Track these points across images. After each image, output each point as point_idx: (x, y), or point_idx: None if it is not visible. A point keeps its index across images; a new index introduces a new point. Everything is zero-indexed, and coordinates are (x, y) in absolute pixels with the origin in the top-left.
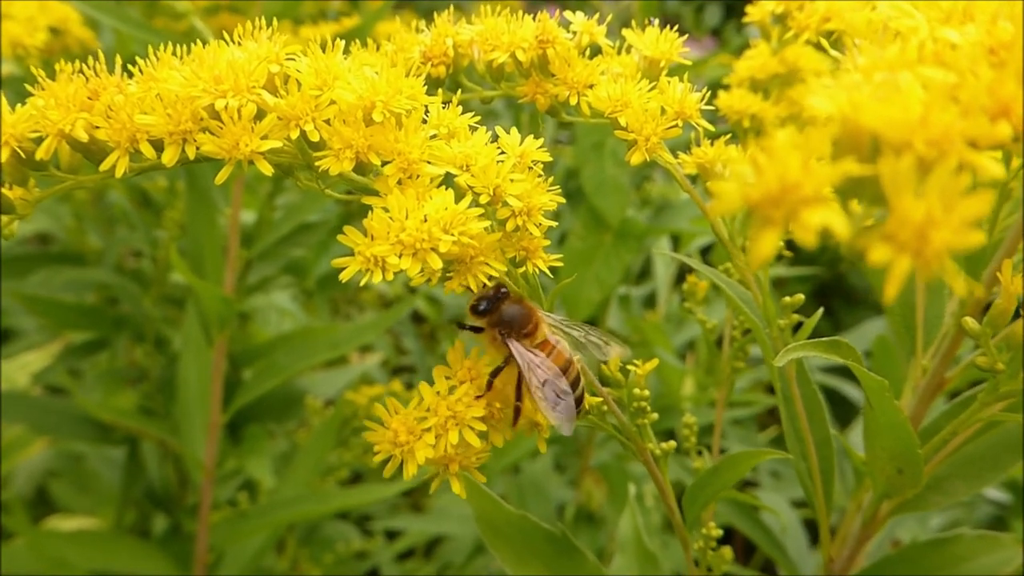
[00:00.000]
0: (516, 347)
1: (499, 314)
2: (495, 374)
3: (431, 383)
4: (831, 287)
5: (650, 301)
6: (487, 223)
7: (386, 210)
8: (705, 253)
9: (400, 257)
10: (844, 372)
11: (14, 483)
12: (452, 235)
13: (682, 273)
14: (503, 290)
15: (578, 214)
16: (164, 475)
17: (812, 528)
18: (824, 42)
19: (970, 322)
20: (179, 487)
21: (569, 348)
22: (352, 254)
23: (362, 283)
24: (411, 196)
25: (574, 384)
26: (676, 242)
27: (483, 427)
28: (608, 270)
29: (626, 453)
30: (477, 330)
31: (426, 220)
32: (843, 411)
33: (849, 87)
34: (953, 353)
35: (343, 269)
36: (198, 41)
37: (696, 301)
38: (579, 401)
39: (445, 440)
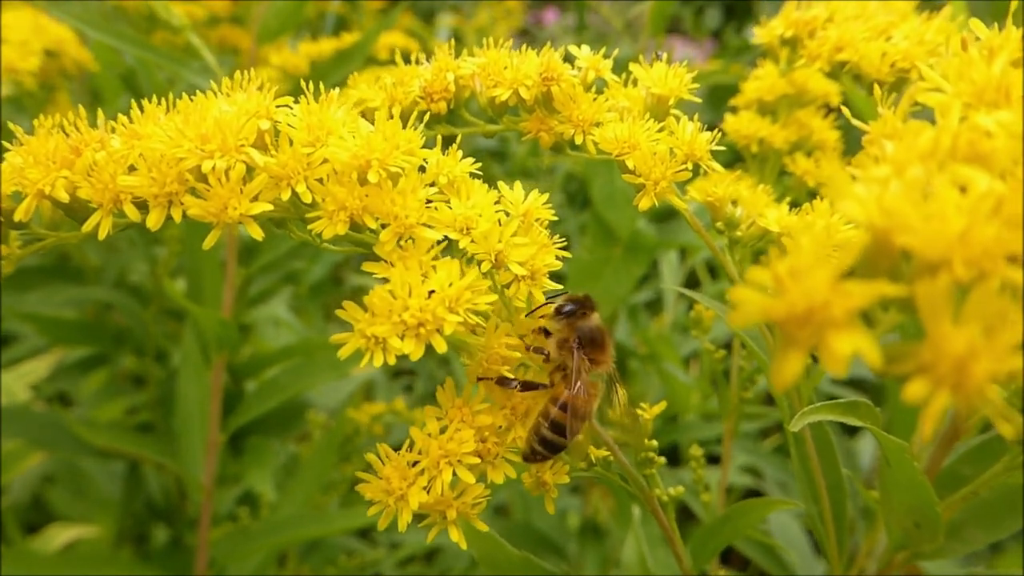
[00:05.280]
0: (579, 363)
1: (585, 323)
2: (526, 386)
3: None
4: None
5: (652, 306)
6: (494, 297)
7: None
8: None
9: (402, 339)
10: (847, 383)
11: (10, 490)
12: (458, 314)
13: (690, 281)
14: (590, 300)
15: (587, 226)
16: (164, 485)
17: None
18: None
19: (995, 392)
20: (179, 498)
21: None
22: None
23: (362, 365)
24: (414, 269)
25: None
26: (683, 251)
27: (476, 460)
28: (618, 284)
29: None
30: (546, 333)
31: (430, 296)
32: None
33: (878, 182)
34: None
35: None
36: (184, 94)
37: (702, 330)
38: (559, 448)
39: (439, 481)
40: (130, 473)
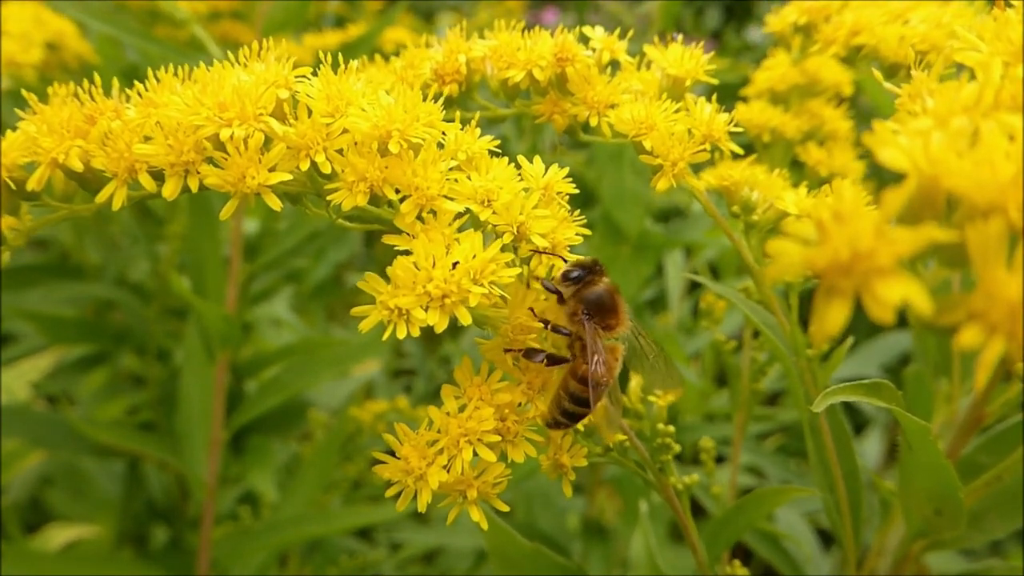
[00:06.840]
0: (592, 335)
1: (591, 292)
2: (552, 360)
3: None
4: None
5: (655, 304)
6: (518, 271)
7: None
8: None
9: (427, 310)
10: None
11: (9, 489)
12: (483, 286)
13: (694, 281)
14: (599, 265)
15: (595, 225)
16: (165, 485)
17: (824, 535)
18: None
19: None
20: (180, 498)
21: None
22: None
23: (384, 337)
24: (438, 241)
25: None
26: (688, 250)
27: (496, 438)
28: (626, 283)
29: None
30: (560, 298)
31: (454, 268)
32: (851, 419)
33: (921, 134)
34: (992, 388)
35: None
36: (201, 63)
37: (713, 320)
38: (581, 417)
39: (459, 460)
40: (130, 473)
